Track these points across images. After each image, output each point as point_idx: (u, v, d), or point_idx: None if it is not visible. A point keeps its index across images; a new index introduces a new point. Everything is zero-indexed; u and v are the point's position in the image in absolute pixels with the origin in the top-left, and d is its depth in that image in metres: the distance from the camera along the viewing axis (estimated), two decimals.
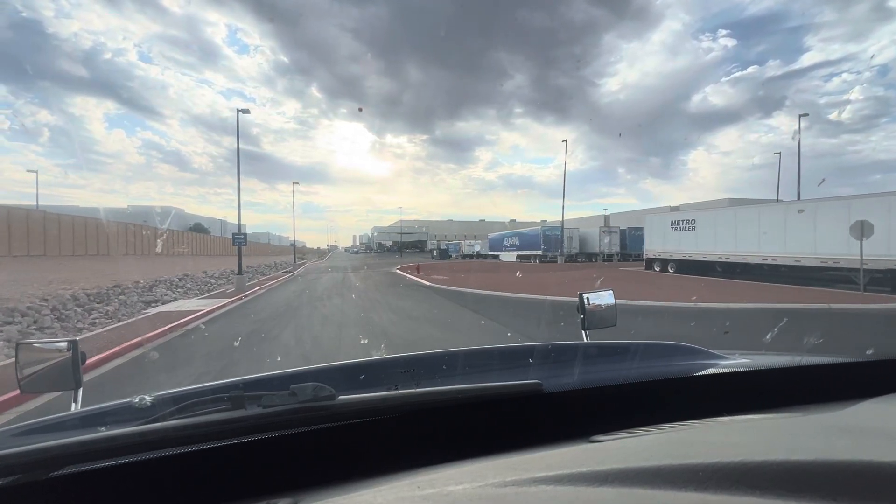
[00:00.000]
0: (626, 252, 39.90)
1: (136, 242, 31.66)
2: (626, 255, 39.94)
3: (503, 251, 47.65)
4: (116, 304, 13.62)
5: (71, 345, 1.20)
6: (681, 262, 21.87)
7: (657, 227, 23.68)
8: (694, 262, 21.11)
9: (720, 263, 20.03)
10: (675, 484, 0.53)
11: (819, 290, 14.32)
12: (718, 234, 19.83)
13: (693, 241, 21.08)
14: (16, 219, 21.23)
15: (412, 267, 30.99)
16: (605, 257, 38.83)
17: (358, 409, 0.82)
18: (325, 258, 74.74)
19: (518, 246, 43.90)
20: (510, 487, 0.58)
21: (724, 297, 12.61)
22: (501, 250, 48.10)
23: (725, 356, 1.30)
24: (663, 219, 23.26)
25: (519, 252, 43.44)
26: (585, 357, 1.40)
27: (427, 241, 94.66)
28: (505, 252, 47.14)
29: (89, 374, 5.76)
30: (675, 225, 22.24)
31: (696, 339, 1.73)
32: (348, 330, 8.69)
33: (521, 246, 42.89)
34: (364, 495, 0.65)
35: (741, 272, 19.06)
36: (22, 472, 0.68)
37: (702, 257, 20.58)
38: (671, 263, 22.61)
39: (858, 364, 1.15)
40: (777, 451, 0.58)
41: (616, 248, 39.07)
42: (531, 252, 40.70)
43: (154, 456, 0.72)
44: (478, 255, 61.09)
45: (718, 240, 19.76)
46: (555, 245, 38.71)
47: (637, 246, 40.58)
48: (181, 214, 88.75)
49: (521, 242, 43.48)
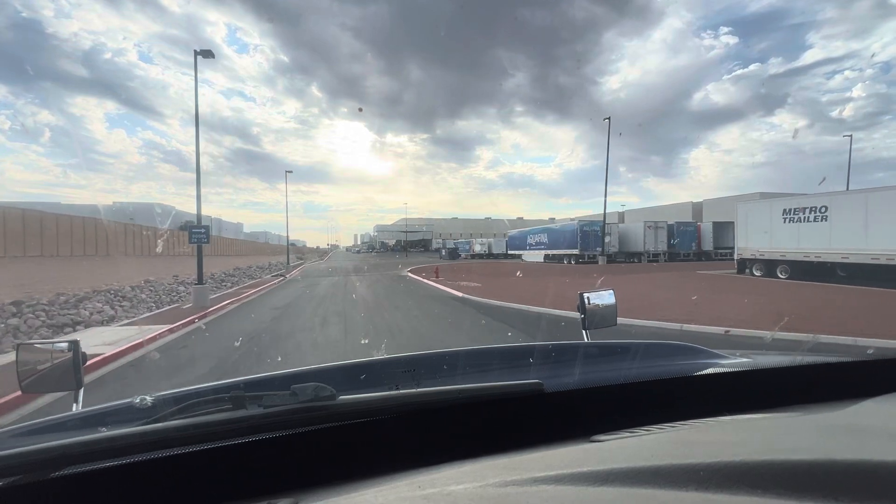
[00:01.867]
0: (673, 250, 34.47)
1: (116, 241, 28.45)
2: (674, 253, 34.53)
3: (527, 250, 42.20)
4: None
5: (72, 345, 1.21)
6: (798, 265, 16.54)
7: (758, 218, 18.39)
8: (816, 265, 15.94)
9: (844, 265, 15.19)
10: (676, 483, 0.53)
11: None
12: (867, 224, 14.38)
13: (822, 235, 15.57)
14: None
15: (426, 269, 27.19)
16: (651, 256, 33.46)
17: (359, 408, 0.82)
18: (324, 258, 70.44)
19: (547, 244, 38.50)
20: (511, 487, 0.58)
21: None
22: (525, 249, 42.63)
23: (726, 356, 1.29)
24: (769, 206, 17.81)
25: (549, 251, 38.01)
26: (586, 357, 1.41)
27: (431, 239, 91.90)
28: (530, 251, 41.69)
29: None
30: (792, 214, 16.79)
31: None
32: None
33: (552, 244, 37.44)
34: (365, 495, 0.65)
35: (869, 276, 14.16)
36: (23, 472, 0.68)
37: (839, 258, 15.12)
38: (782, 266, 17.24)
39: (859, 364, 1.15)
40: (778, 450, 0.59)
41: (663, 246, 33.71)
42: (564, 251, 35.26)
43: (155, 456, 0.72)
44: (489, 255, 57.27)
45: (868, 234, 14.34)
46: (594, 243, 33.35)
47: (686, 244, 35.24)
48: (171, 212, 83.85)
49: (551, 240, 38.09)
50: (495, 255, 56.46)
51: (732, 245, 36.21)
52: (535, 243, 40.63)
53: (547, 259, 38.24)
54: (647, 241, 33.50)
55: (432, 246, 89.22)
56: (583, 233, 33.61)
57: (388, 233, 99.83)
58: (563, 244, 35.56)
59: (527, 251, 42.37)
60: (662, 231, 34.20)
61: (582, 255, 33.35)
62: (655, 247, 33.65)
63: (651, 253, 33.55)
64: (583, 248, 33.39)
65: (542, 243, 39.26)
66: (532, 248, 41.27)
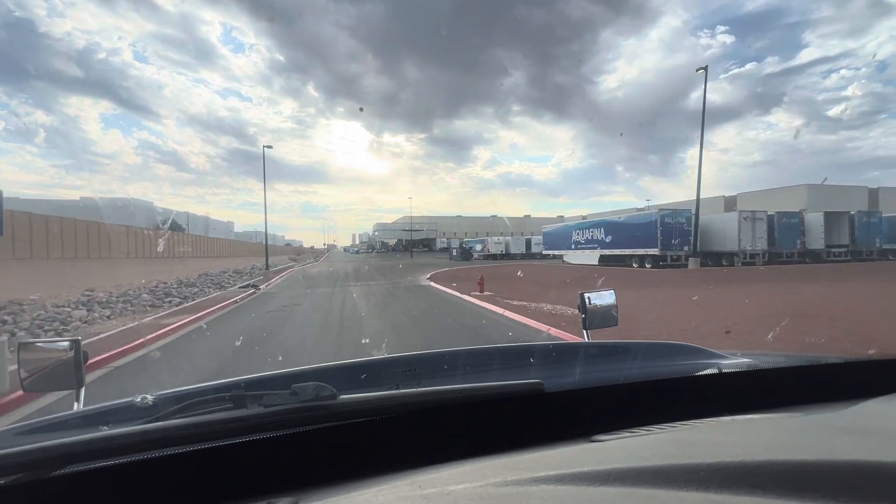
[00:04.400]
0: (774, 250, 26.35)
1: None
2: (774, 253, 26.40)
3: (573, 250, 33.91)
4: None
5: (73, 344, 1.21)
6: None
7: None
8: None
9: None
10: (676, 484, 0.53)
11: None
12: None
13: None
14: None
15: (451, 275, 21.20)
16: (747, 257, 25.30)
17: (359, 408, 0.83)
18: (320, 259, 62.00)
19: (604, 241, 30.12)
20: (511, 487, 0.59)
21: None
22: (570, 248, 34.37)
23: (727, 356, 1.30)
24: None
25: (607, 251, 29.72)
26: (587, 357, 1.41)
27: (436, 239, 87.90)
28: (576, 251, 33.40)
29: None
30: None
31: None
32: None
33: (615, 241, 29.07)
34: (365, 495, 0.66)
35: None
36: (24, 471, 0.69)
37: None
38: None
39: (860, 364, 1.15)
40: (779, 450, 0.59)
41: (762, 244, 25.64)
42: (635, 251, 27.04)
43: (156, 455, 0.73)
44: (505, 255, 51.31)
45: None
46: (677, 239, 25.16)
47: (789, 241, 27.05)
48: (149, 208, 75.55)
49: (612, 236, 29.58)
50: (512, 256, 51.87)
51: (848, 242, 28.74)
52: (586, 241, 32.32)
53: (604, 261, 29.94)
54: (743, 236, 25.39)
55: (436, 246, 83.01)
56: (664, 225, 25.34)
57: (388, 232, 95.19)
58: (632, 241, 27.29)
59: (572, 251, 34.10)
60: (762, 224, 26.13)
61: (664, 255, 25.12)
62: (753, 244, 25.57)
63: (748, 253, 25.41)
64: (664, 247, 25.17)
65: (597, 240, 30.96)
66: (580, 248, 32.96)
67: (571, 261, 33.81)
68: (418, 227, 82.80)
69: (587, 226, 33.35)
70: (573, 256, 33.83)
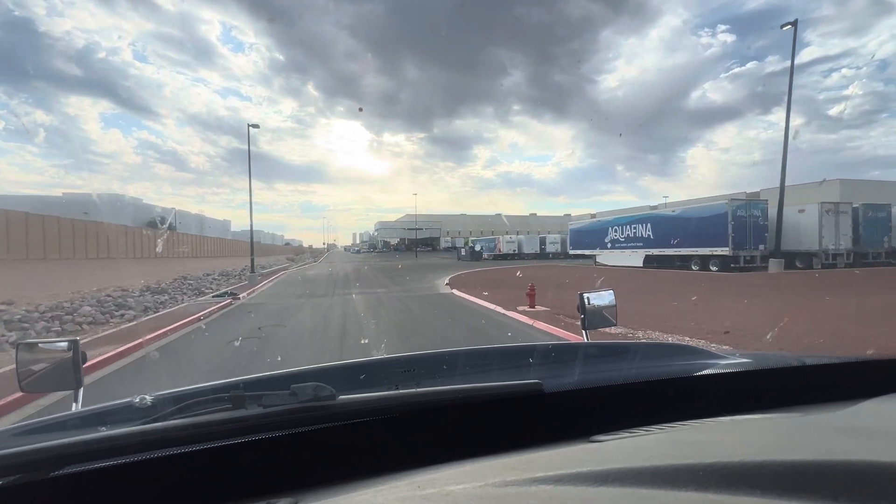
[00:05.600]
0: (859, 250, 22.00)
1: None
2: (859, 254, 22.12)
3: (608, 249, 30.64)
4: None
5: (71, 345, 1.25)
6: None
7: None
8: None
9: None
10: (675, 484, 0.55)
11: None
12: None
13: None
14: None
15: (474, 279, 18.53)
16: (829, 259, 20.97)
17: (358, 408, 0.85)
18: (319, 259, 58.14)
19: (650, 240, 26.40)
20: (510, 487, 0.61)
21: None
22: (604, 248, 30.49)
23: (726, 356, 1.35)
24: None
25: (655, 250, 26.21)
26: (586, 357, 1.45)
27: (440, 238, 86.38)
28: (613, 251, 30.22)
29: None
30: None
31: None
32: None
33: (666, 239, 25.79)
34: (364, 495, 0.68)
35: None
36: (22, 471, 0.71)
37: None
38: None
39: (859, 364, 1.18)
40: (777, 450, 0.61)
41: (847, 243, 21.80)
42: (696, 250, 23.22)
43: (155, 456, 0.75)
44: (517, 255, 50.58)
45: None
46: (751, 236, 20.80)
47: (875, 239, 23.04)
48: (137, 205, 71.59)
49: (663, 233, 26.47)
50: (525, 256, 50.79)
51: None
52: (626, 238, 28.80)
53: (650, 262, 25.63)
54: (825, 233, 21.33)
55: (440, 245, 79.51)
56: (736, 219, 21.16)
57: (391, 230, 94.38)
58: (692, 238, 24.02)
59: (607, 250, 30.62)
60: (846, 218, 22.87)
61: (735, 255, 20.76)
62: (836, 243, 21.70)
63: (830, 253, 21.18)
64: (736, 246, 20.84)
65: (641, 238, 27.22)
66: (619, 246, 29.47)
67: (606, 262, 30.40)
68: (421, 225, 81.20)
69: (628, 221, 30.26)
70: (609, 257, 30.42)
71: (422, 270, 27.53)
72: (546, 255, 50.42)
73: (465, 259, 46.47)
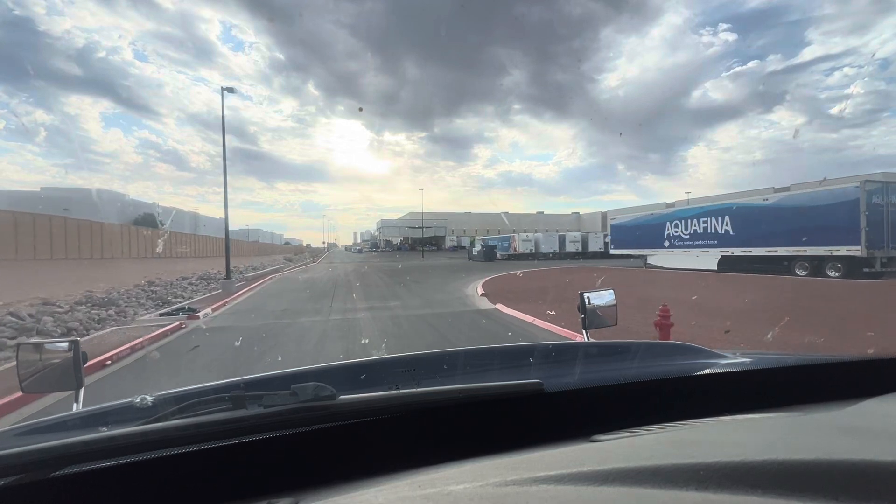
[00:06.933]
0: None
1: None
2: None
3: (665, 248, 25.22)
4: None
5: (72, 345, 1.25)
6: None
7: None
8: None
9: None
10: (676, 483, 0.55)
11: None
12: None
13: None
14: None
15: (535, 293, 12.96)
16: None
17: (359, 408, 0.85)
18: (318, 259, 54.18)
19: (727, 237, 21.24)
20: (511, 487, 0.61)
21: None
22: (660, 246, 25.19)
23: (726, 355, 1.34)
24: None
25: (736, 250, 21.12)
26: (586, 356, 1.46)
27: (445, 236, 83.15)
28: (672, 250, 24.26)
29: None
30: None
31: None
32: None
33: (755, 235, 20.37)
34: (365, 495, 0.68)
35: None
36: (24, 471, 0.71)
37: None
38: None
39: (859, 363, 1.19)
40: (778, 450, 0.61)
41: None
42: (805, 250, 18.10)
43: (155, 456, 0.76)
44: (533, 255, 46.73)
45: None
46: (888, 234, 15.78)
47: None
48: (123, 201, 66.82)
49: (749, 227, 20.83)
50: (543, 255, 47.32)
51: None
52: (692, 235, 23.75)
53: (724, 266, 20.88)
54: None
55: (445, 244, 75.25)
56: (871, 208, 15.95)
57: (394, 229, 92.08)
58: (796, 234, 18.72)
59: (664, 250, 25.53)
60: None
61: (870, 257, 15.69)
62: None
63: None
64: (871, 245, 15.78)
65: (714, 234, 22.03)
66: (681, 245, 24.21)
67: (663, 264, 25.59)
68: (427, 224, 77.60)
69: (696, 214, 24.57)
70: (667, 258, 25.41)
71: (436, 273, 23.69)
72: (565, 256, 46.76)
73: (479, 259, 42.11)
